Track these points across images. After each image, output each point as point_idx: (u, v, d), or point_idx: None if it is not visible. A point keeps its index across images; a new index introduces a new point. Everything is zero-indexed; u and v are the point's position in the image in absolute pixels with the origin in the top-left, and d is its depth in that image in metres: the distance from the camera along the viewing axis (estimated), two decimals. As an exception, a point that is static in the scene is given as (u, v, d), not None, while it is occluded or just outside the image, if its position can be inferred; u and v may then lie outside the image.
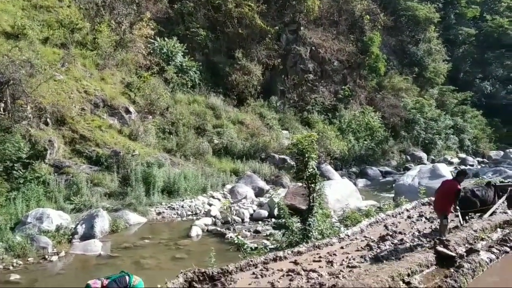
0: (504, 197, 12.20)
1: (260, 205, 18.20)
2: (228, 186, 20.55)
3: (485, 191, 11.61)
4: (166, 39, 27.23)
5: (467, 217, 11.26)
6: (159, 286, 7.44)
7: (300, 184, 18.81)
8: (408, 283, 7.79)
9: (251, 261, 8.37)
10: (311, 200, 10.56)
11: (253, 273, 7.98)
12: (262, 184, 21.16)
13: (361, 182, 26.30)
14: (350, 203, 16.87)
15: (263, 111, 29.87)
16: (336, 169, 26.15)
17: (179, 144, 22.68)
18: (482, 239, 10.16)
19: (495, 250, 9.54)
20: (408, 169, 30.94)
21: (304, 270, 8.02)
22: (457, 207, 10.20)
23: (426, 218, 11.57)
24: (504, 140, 47.84)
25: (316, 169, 10.86)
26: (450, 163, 34.20)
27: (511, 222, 11.42)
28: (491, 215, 11.60)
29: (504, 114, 49.07)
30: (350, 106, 35.16)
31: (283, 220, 10.46)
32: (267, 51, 32.35)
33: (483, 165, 36.98)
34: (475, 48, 53.25)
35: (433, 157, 36.64)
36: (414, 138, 37.38)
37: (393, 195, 21.44)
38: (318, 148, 12.62)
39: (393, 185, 25.32)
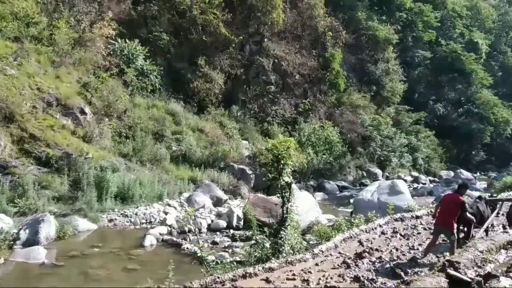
0: (496, 212, 11.92)
1: (219, 215, 17.66)
2: (186, 195, 19.92)
3: (484, 206, 11.20)
4: (127, 41, 26.38)
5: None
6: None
7: (260, 194, 18.55)
8: None
9: (218, 277, 7.63)
10: (284, 211, 9.93)
11: (220, 292, 7.30)
12: (220, 193, 20.65)
13: (319, 196, 26.20)
14: (310, 216, 16.58)
15: (224, 120, 29.48)
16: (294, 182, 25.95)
17: (136, 149, 21.86)
18: (490, 262, 9.40)
19: None
20: (364, 184, 31.34)
21: None
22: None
23: (400, 234, 11.19)
24: (454, 161, 49.50)
25: (291, 177, 10.20)
26: (404, 181, 34.74)
27: None
28: (485, 230, 11.27)
29: (455, 136, 50.73)
30: (309, 120, 35.31)
31: (250, 232, 9.74)
32: (230, 60, 32.06)
33: (434, 184, 37.86)
34: (430, 71, 54.82)
35: (387, 174, 37.23)
36: (370, 154, 37.94)
37: (350, 209, 21.42)
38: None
39: (350, 200, 25.44)
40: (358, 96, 41.34)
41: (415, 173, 40.96)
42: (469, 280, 7.76)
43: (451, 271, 7.89)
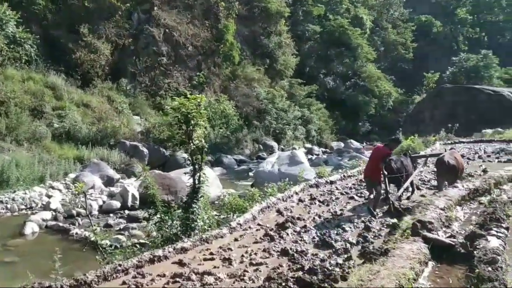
0: (418, 169, 11.68)
1: (111, 196, 16.12)
2: (72, 175, 17.95)
3: (407, 161, 10.92)
4: (-6, 3, 23.05)
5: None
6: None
7: (156, 171, 17.25)
8: None
9: (119, 265, 6.23)
10: (196, 181, 8.64)
11: (124, 283, 5.95)
12: (111, 172, 19.01)
13: (217, 170, 25.41)
14: (211, 191, 15.74)
15: (112, 94, 27.33)
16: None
17: (10, 127, 19.30)
18: (455, 219, 8.72)
19: (500, 234, 7.38)
20: (261, 157, 31.27)
21: (196, 273, 6.11)
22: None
23: (319, 201, 10.42)
24: (343, 132, 51.61)
25: (203, 140, 8.77)
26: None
27: (466, 197, 10.31)
28: (410, 187, 10.99)
29: (344, 108, 52.88)
30: (204, 93, 34.14)
31: (153, 209, 8.31)
32: (117, 29, 29.75)
33: (327, 154, 39.02)
34: (319, 45, 56.19)
35: (282, 147, 37.55)
36: (266, 127, 37.92)
37: (250, 182, 21.05)
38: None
39: (249, 173, 25.13)
40: (252, 69, 41.12)
41: (308, 145, 41.83)
42: (452, 243, 6.98)
43: (430, 235, 7.12)
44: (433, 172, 13.40)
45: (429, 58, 65.51)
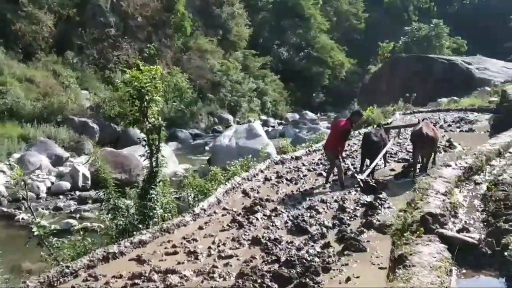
0: (391, 142, 11.22)
1: (60, 176, 15.19)
2: (16, 155, 16.83)
3: (384, 133, 10.46)
4: None
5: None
6: None
7: (108, 148, 16.38)
8: None
9: (67, 267, 5.33)
10: (153, 164, 7.58)
11: (73, 290, 5.01)
12: (60, 151, 17.97)
13: (172, 145, 24.69)
14: (168, 168, 15.09)
15: (58, 68, 25.73)
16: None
17: None
18: (459, 206, 7.59)
19: None
20: (217, 131, 30.77)
21: (158, 272, 5.23)
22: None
23: (287, 179, 9.69)
24: (298, 103, 51.60)
25: (160, 118, 7.73)
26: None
27: (462, 177, 9.22)
28: (384, 157, 10.55)
29: (298, 79, 52.71)
30: (156, 66, 32.90)
31: (105, 193, 7.45)
32: (60, -2, 27.82)
33: (283, 125, 38.85)
34: (272, 15, 55.54)
35: (238, 119, 37.09)
36: (220, 100, 37.37)
37: (206, 157, 20.52)
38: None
39: (206, 147, 24.54)
40: (205, 40, 40.00)
41: (264, 117, 41.59)
42: (476, 242, 5.82)
43: (448, 233, 6.05)
44: (398, 144, 13.19)
45: (381, 28, 65.94)
